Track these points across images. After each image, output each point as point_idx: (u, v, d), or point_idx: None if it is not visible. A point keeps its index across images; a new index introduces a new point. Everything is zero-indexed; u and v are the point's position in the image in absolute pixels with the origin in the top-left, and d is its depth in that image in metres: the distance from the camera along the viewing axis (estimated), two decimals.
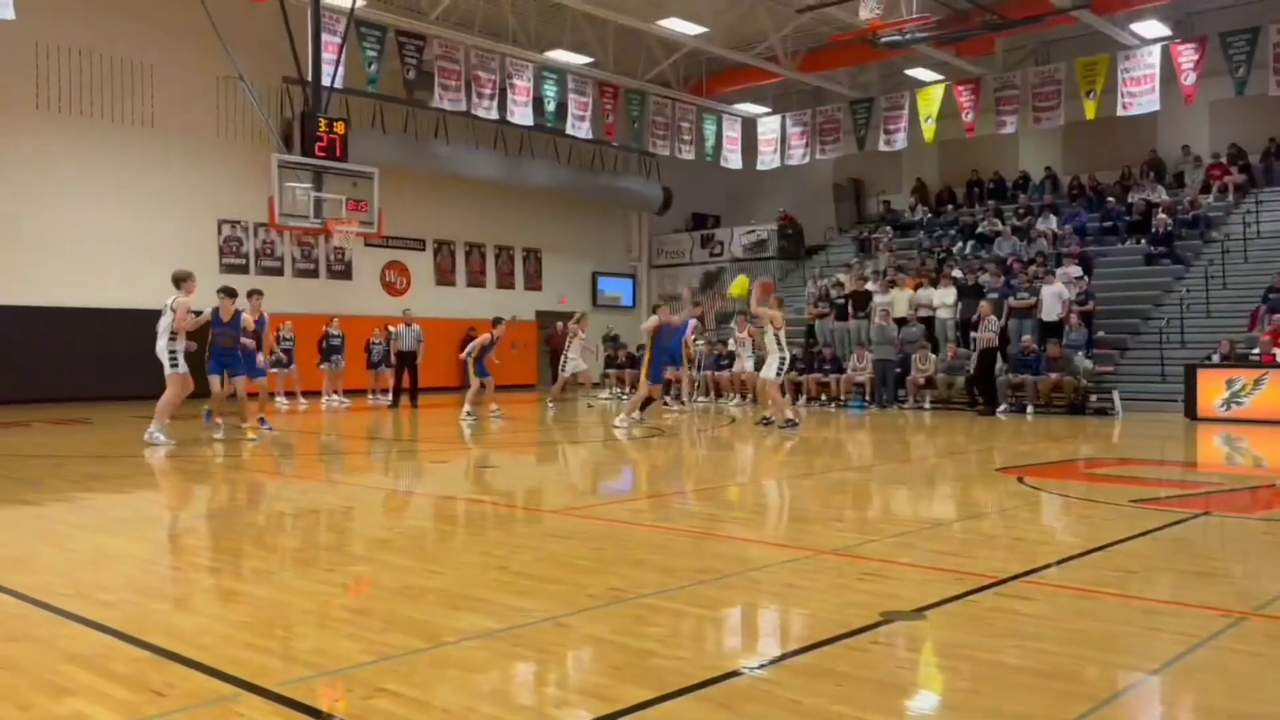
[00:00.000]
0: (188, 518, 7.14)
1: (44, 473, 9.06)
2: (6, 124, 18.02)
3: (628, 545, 5.71)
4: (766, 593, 4.62)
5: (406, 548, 5.75)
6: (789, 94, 27.34)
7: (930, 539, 5.92)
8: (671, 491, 8.31)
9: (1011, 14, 19.65)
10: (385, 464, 10.84)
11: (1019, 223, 22.56)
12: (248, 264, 21.50)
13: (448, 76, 20.22)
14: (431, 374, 21.02)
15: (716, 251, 28.86)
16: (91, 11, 18.69)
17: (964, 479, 9.04)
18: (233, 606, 4.37)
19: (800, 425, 13.36)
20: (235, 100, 20.40)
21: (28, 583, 4.68)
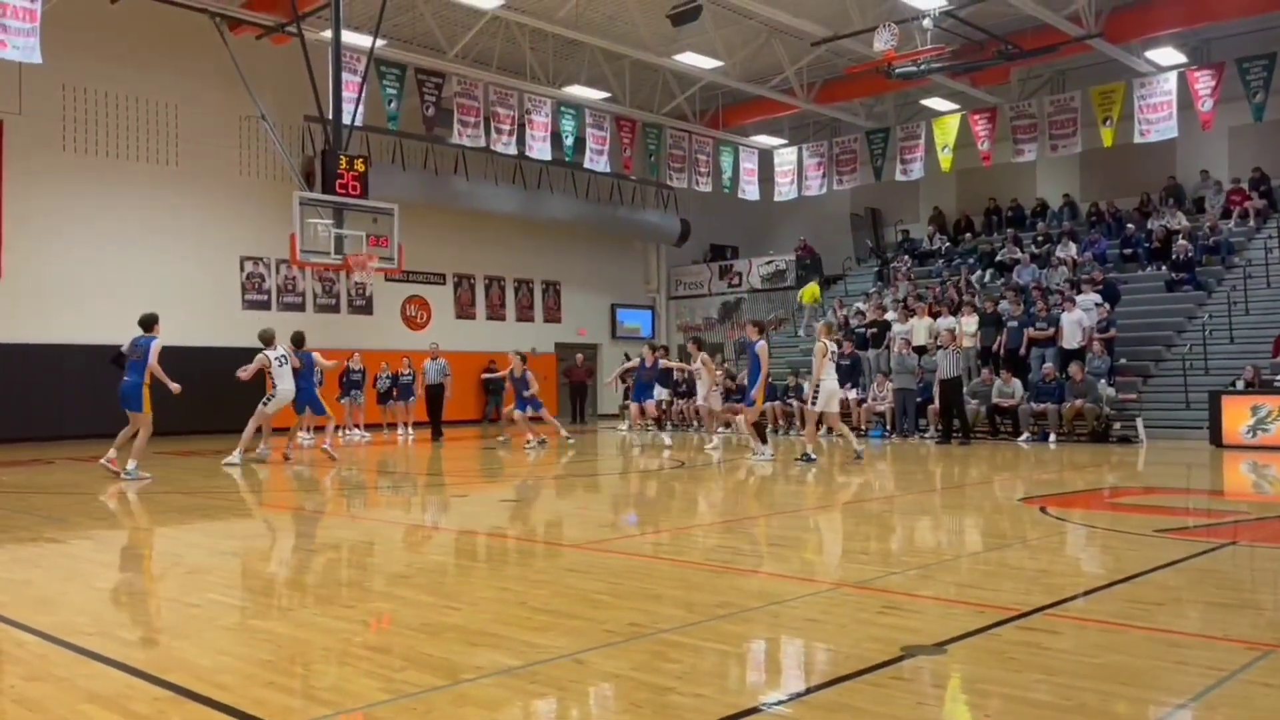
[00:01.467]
0: (209, 554, 7.17)
1: (69, 510, 9.13)
2: (34, 165, 18.35)
3: (647, 580, 5.70)
4: (786, 627, 4.59)
5: (426, 583, 5.75)
6: (805, 125, 27.48)
7: (952, 571, 5.87)
8: (691, 525, 8.28)
9: (1026, 44, 19.71)
10: (407, 498, 10.86)
11: (1038, 250, 22.50)
12: (269, 300, 21.72)
13: (467, 113, 20.46)
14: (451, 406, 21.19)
15: (735, 282, 28.91)
16: (116, 54, 19.06)
17: (986, 509, 8.97)
18: (254, 644, 4.38)
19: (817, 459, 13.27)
20: (257, 139, 20.72)
21: (51, 622, 4.71)
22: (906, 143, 23.67)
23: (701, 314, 29.42)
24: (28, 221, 18.26)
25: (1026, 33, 19.69)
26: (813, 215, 28.46)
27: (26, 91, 18.06)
